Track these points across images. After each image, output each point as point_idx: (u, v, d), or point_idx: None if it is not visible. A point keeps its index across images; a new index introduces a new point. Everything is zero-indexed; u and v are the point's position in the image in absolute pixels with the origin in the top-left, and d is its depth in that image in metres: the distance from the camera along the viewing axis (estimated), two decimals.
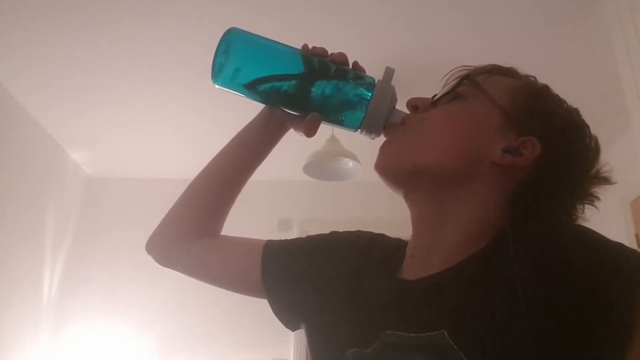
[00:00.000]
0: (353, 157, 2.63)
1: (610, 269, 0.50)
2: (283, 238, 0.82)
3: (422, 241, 0.65)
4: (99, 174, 3.65)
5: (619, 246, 0.52)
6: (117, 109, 2.88)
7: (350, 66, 0.67)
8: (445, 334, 0.52)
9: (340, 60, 0.67)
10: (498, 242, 0.58)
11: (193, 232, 0.80)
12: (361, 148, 2.80)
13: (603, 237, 0.53)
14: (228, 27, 0.67)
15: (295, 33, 2.13)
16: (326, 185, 3.22)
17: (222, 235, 0.82)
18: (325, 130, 2.77)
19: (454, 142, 0.63)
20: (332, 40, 0.74)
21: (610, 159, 0.66)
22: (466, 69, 0.68)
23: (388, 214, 2.61)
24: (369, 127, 0.65)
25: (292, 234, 3.46)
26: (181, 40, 2.33)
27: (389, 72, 0.65)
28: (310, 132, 0.67)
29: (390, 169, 0.65)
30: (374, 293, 0.65)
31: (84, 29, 2.26)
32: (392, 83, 0.65)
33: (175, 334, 3.28)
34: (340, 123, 0.67)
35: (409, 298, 0.61)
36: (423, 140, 0.64)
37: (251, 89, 0.67)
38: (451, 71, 0.68)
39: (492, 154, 0.61)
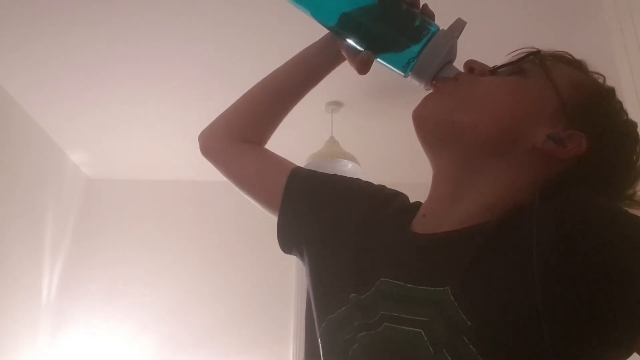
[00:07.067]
0: (352, 159, 2.63)
1: (629, 242, 0.49)
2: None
3: (438, 203, 0.64)
4: (98, 176, 3.65)
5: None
6: (117, 110, 2.88)
7: (420, 7, 0.66)
8: (449, 290, 0.51)
9: (411, 0, 0.65)
10: (515, 212, 0.57)
11: (238, 135, 0.84)
12: (360, 149, 2.80)
13: (625, 210, 0.52)
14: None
15: (299, 30, 2.13)
16: None
17: (261, 147, 0.85)
18: (325, 131, 2.78)
19: (503, 112, 0.61)
20: None
21: None
22: (527, 49, 0.66)
23: None
24: (419, 73, 0.63)
25: None
26: (181, 41, 2.33)
27: (458, 24, 0.63)
28: (362, 69, 0.66)
29: (429, 119, 0.64)
30: (380, 240, 0.66)
31: (83, 29, 2.26)
32: (458, 39, 0.63)
33: (175, 336, 3.28)
34: (392, 64, 0.65)
35: (414, 249, 0.60)
36: (473, 101, 0.62)
37: (319, 8, 0.66)
38: (520, 49, 0.66)
39: (535, 137, 0.60)
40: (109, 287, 3.36)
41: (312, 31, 0.76)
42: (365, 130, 2.99)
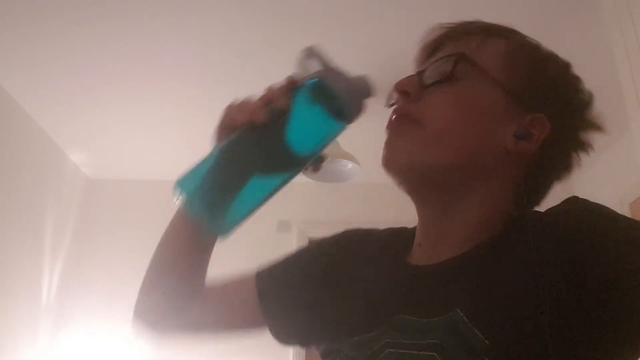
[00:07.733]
0: (352, 159, 2.63)
1: (627, 248, 0.49)
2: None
3: (430, 232, 0.63)
4: (98, 175, 3.65)
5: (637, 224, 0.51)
6: (117, 110, 2.88)
7: (285, 86, 0.59)
8: (460, 312, 0.51)
9: (280, 108, 0.57)
10: (510, 225, 0.57)
11: (177, 305, 0.75)
12: (360, 149, 2.80)
13: (619, 214, 0.52)
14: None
15: (298, 30, 2.13)
16: (325, 187, 3.21)
17: (210, 291, 0.76)
18: None
19: (466, 137, 0.58)
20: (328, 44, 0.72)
21: (609, 161, 0.65)
22: (446, 27, 0.63)
23: (387, 215, 2.60)
24: (352, 115, 0.60)
25: (292, 235, 3.46)
26: (181, 40, 2.33)
27: (311, 53, 0.57)
28: (315, 172, 0.64)
29: (401, 168, 0.61)
30: (381, 280, 0.63)
31: (83, 29, 2.26)
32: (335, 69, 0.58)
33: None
34: (331, 141, 0.62)
35: (420, 284, 0.59)
36: (432, 137, 0.58)
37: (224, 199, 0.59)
38: (430, 30, 0.63)
39: (504, 141, 0.58)
40: (109, 287, 3.35)
41: (312, 30, 0.75)
42: (365, 130, 2.99)
